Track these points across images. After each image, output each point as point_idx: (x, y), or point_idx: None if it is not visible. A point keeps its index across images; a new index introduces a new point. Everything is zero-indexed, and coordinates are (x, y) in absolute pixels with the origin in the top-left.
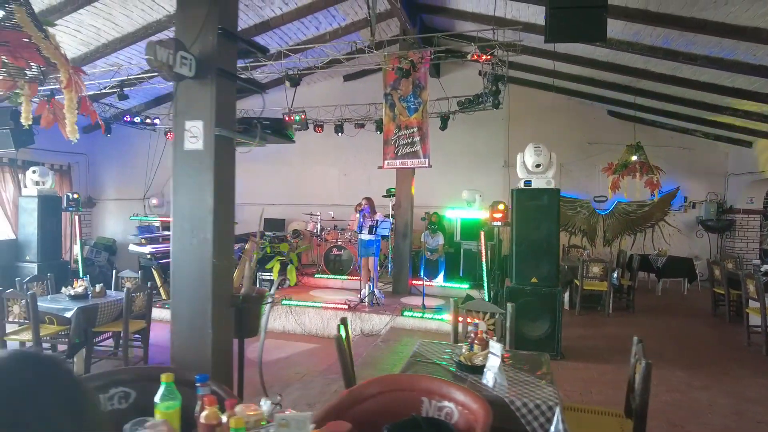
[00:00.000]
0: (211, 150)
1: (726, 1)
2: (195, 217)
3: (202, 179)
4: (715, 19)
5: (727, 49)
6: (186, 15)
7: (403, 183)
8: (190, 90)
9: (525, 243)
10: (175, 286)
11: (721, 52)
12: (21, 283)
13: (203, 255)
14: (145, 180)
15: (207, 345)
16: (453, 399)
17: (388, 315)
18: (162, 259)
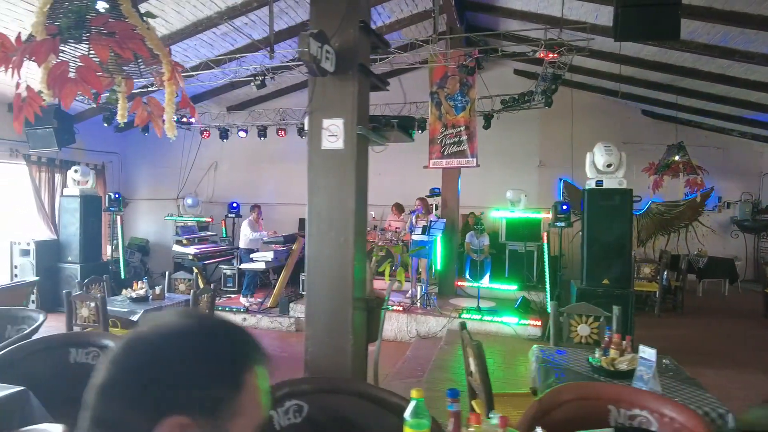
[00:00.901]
0: (352, 149)
1: None
2: (334, 218)
3: (342, 179)
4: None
5: None
6: (324, 7)
7: (450, 183)
8: (329, 86)
9: (596, 244)
10: (312, 289)
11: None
12: (81, 284)
13: (343, 257)
14: (179, 179)
15: (347, 351)
16: (647, 407)
17: (445, 317)
18: (205, 259)
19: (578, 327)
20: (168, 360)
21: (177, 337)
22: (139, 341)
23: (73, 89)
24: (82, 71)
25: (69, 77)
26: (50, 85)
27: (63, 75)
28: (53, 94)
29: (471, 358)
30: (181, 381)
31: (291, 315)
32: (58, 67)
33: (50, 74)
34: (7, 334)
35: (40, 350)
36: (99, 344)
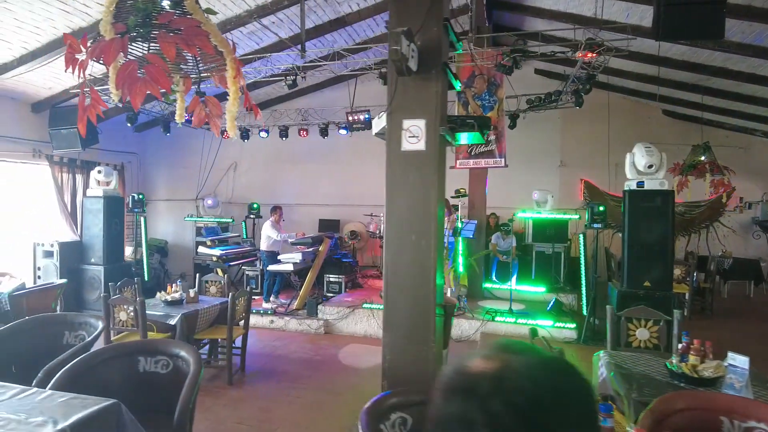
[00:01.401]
0: (434, 150)
1: None
2: (415, 221)
3: (424, 181)
4: None
5: None
6: (407, 4)
7: (477, 183)
8: (410, 86)
9: (637, 246)
10: (390, 295)
11: None
12: (114, 287)
13: (425, 262)
14: (198, 180)
15: (429, 359)
16: (765, 419)
17: (478, 320)
18: (230, 261)
19: (637, 331)
20: (551, 404)
21: (553, 378)
22: (514, 381)
23: (143, 89)
24: (151, 70)
25: (138, 77)
26: (118, 85)
27: (132, 74)
28: (122, 95)
29: None
30: (564, 425)
31: (320, 317)
32: (127, 67)
33: (119, 74)
34: (66, 341)
35: (111, 358)
36: (169, 353)
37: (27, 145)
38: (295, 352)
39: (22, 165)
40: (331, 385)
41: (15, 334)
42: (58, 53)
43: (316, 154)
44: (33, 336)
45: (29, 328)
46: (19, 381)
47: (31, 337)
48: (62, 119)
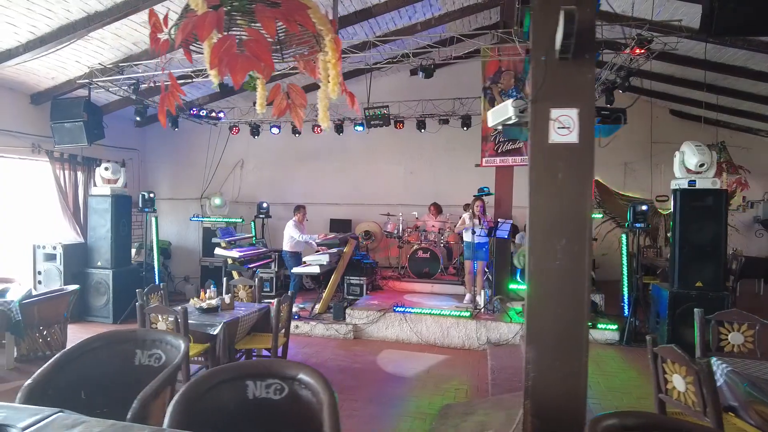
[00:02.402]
0: (588, 143)
1: None
2: (565, 223)
3: (575, 177)
4: None
5: None
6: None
7: (504, 182)
8: (560, 72)
9: (688, 245)
10: (535, 305)
11: None
12: (142, 294)
13: (577, 269)
14: (204, 178)
15: (581, 375)
16: None
17: (518, 323)
18: (249, 263)
19: (729, 335)
20: None
21: None
22: None
23: (245, 66)
24: (251, 46)
25: (237, 53)
26: (214, 63)
27: (230, 50)
28: (219, 73)
29: (680, 375)
30: None
31: (348, 321)
32: (223, 42)
33: (214, 51)
34: (138, 361)
35: (220, 383)
36: (282, 375)
37: (25, 139)
38: (331, 359)
39: (20, 161)
40: (383, 397)
41: (85, 353)
42: (69, 39)
43: (326, 152)
44: (102, 356)
45: (98, 347)
46: (92, 410)
47: (100, 357)
48: (65, 111)
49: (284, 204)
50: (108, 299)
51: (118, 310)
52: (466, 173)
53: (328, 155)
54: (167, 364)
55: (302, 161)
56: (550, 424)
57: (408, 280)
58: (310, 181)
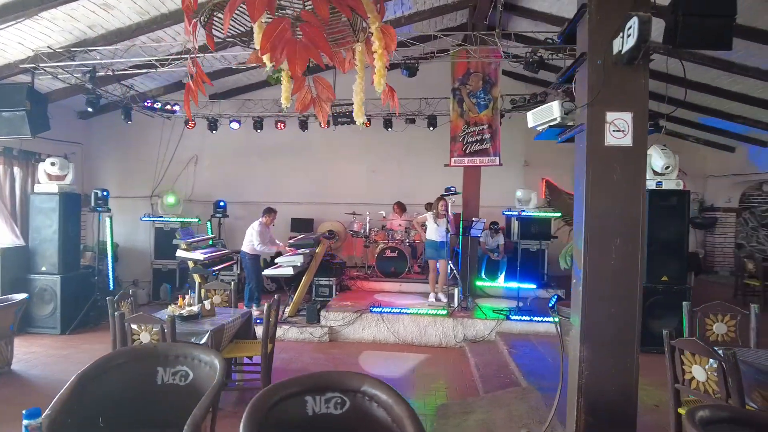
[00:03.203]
0: (642, 147)
1: None
2: (619, 222)
3: (629, 179)
4: None
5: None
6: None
7: (471, 181)
8: (615, 76)
9: (655, 243)
10: (589, 304)
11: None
12: (113, 303)
13: (631, 268)
14: (155, 175)
15: (632, 372)
16: None
17: (494, 320)
18: (213, 265)
19: (714, 325)
20: None
21: None
22: None
23: (304, 53)
24: (307, 30)
25: (292, 38)
26: (265, 48)
27: (283, 34)
28: (275, 60)
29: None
30: None
31: (323, 324)
32: (277, 25)
33: (266, 34)
34: (162, 380)
35: (280, 401)
36: (342, 387)
37: None
38: (311, 363)
39: None
40: None
41: (104, 373)
42: (17, 17)
43: (286, 149)
44: (124, 374)
45: (121, 364)
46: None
47: (119, 377)
48: (5, 99)
49: (242, 203)
50: (55, 308)
51: (66, 320)
52: (430, 172)
53: (289, 152)
54: (196, 382)
55: (262, 158)
56: (602, 421)
57: (376, 280)
58: (269, 179)
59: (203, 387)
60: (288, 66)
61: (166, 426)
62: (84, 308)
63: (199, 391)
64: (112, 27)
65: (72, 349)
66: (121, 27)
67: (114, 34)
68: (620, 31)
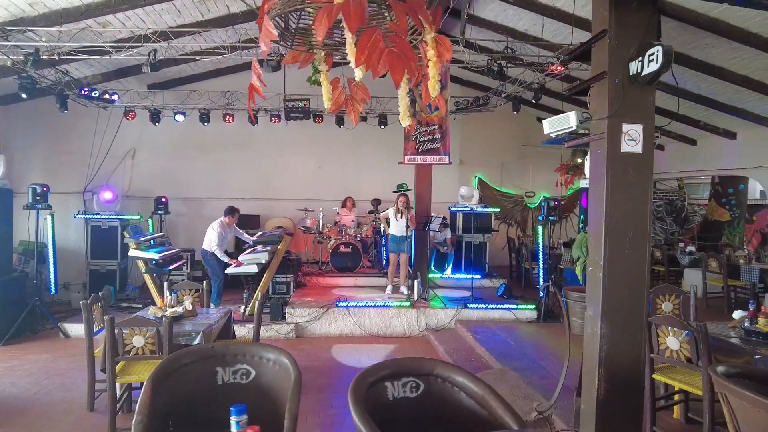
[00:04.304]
0: (649, 153)
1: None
2: (632, 217)
3: (640, 181)
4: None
5: None
6: (627, 23)
7: (424, 179)
8: (630, 92)
9: None
10: (609, 287)
11: None
12: (87, 306)
13: (640, 255)
14: (88, 169)
15: (641, 344)
16: None
17: (453, 308)
18: (169, 265)
19: (662, 305)
20: None
21: None
22: None
23: (400, 63)
24: (396, 41)
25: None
26: (360, 59)
27: (376, 44)
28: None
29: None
30: None
31: (289, 320)
32: (370, 35)
33: (360, 44)
34: (222, 380)
35: (370, 386)
36: (420, 372)
37: None
38: None
39: None
40: None
41: (173, 373)
42: None
43: (230, 143)
44: (189, 376)
45: (187, 364)
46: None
47: (186, 377)
48: None
49: (183, 199)
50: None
51: (1, 330)
52: (378, 169)
53: (233, 147)
54: (261, 379)
55: (203, 152)
56: (617, 387)
57: (331, 275)
58: (212, 173)
59: (269, 383)
60: (392, 76)
61: None
62: (21, 315)
63: (264, 388)
64: (56, 6)
65: (15, 360)
66: (68, 7)
67: (58, 14)
68: (639, 56)
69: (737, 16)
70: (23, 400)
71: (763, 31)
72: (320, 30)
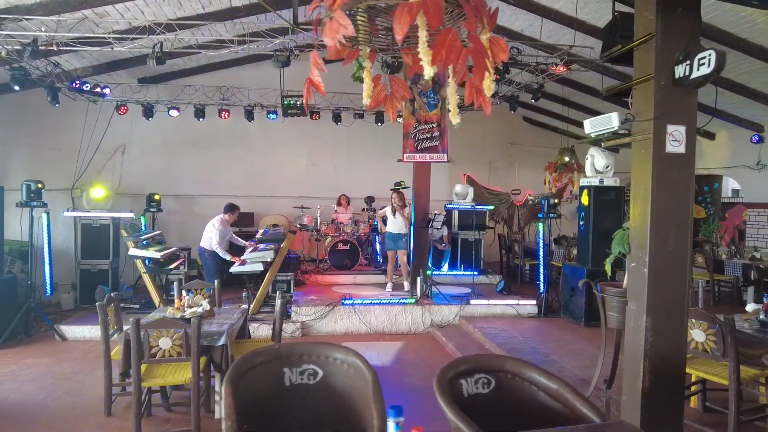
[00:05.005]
0: (691, 154)
1: None
2: (675, 214)
3: (683, 180)
4: None
5: None
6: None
7: (422, 176)
8: (674, 94)
9: (597, 232)
10: (654, 281)
11: None
12: (102, 308)
13: (683, 251)
14: (76, 165)
15: (682, 334)
16: None
17: (456, 305)
18: (170, 263)
19: None
20: None
21: None
22: None
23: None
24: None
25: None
26: (438, 58)
27: (453, 43)
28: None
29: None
30: None
31: (294, 319)
32: (447, 34)
33: (437, 43)
34: (289, 381)
35: (452, 379)
36: (491, 368)
37: None
38: None
39: None
40: (387, 389)
41: (249, 374)
42: None
43: (221, 140)
44: (258, 376)
45: (260, 364)
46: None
47: (256, 378)
48: None
49: (174, 196)
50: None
51: None
52: (372, 166)
53: (224, 144)
54: (330, 378)
55: (196, 148)
56: (661, 378)
57: (330, 273)
58: (204, 171)
59: (339, 383)
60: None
61: (304, 427)
62: (15, 318)
63: (334, 388)
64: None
65: (14, 365)
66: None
67: (57, 3)
68: (686, 60)
69: (729, 22)
70: (31, 407)
71: (750, 37)
72: (400, 28)
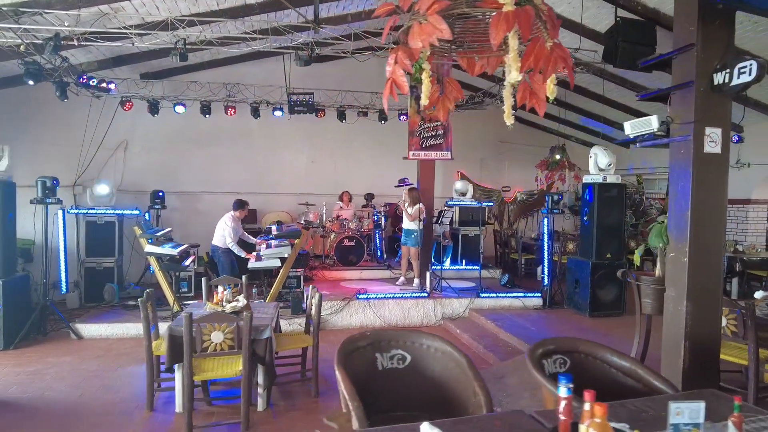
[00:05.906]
0: (726, 154)
1: None
2: (712, 210)
3: (718, 178)
4: None
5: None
6: (714, 39)
7: (427, 173)
8: (711, 99)
9: (600, 227)
10: (693, 270)
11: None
12: (143, 304)
13: (717, 244)
14: (79, 161)
15: (718, 321)
16: None
17: (466, 298)
18: (184, 260)
19: None
20: None
21: None
22: None
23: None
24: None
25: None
26: (527, 64)
27: (541, 50)
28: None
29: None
30: None
31: None
32: (536, 42)
33: (528, 52)
34: (381, 366)
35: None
36: (566, 349)
37: None
38: (325, 352)
39: None
40: None
41: (351, 357)
42: None
43: (224, 137)
44: (358, 360)
45: (360, 347)
46: None
47: (356, 362)
48: None
49: (177, 193)
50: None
51: (10, 333)
52: (373, 164)
53: (226, 141)
54: (417, 363)
55: (198, 145)
56: (699, 357)
57: (337, 269)
58: (207, 167)
59: (429, 368)
60: (569, 79)
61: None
62: (30, 317)
63: (424, 372)
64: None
65: (37, 364)
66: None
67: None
68: (725, 68)
69: None
70: (71, 405)
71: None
72: (497, 35)
